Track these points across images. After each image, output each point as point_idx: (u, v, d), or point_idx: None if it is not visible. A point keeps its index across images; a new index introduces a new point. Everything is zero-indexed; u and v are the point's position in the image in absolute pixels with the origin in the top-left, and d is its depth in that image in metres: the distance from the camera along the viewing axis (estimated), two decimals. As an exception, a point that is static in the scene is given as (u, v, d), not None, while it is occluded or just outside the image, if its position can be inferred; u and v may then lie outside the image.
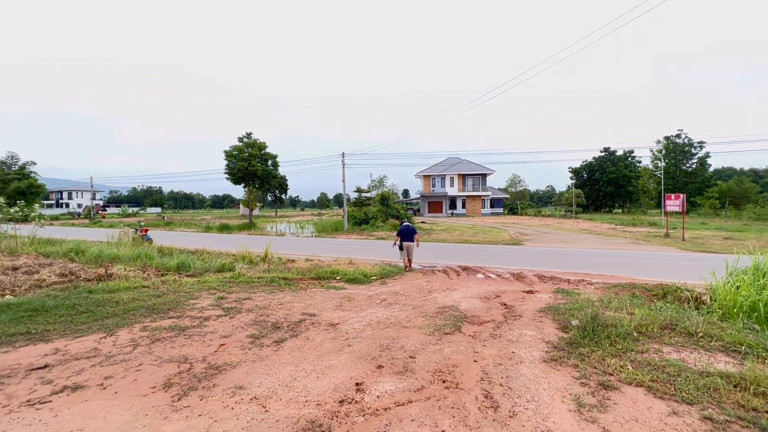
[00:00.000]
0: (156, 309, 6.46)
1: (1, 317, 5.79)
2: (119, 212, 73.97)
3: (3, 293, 7.26)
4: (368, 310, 6.93)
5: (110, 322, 5.72)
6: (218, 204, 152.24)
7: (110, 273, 8.85)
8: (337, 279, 10.99)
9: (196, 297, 7.42)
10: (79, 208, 77.63)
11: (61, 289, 7.65)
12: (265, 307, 6.87)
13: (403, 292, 9.34)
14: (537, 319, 6.73)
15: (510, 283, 11.30)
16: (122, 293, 7.42)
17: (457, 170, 58.93)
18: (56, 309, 6.18)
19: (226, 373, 4.01)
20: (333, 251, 18.30)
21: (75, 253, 12.28)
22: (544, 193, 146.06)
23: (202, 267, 10.36)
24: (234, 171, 35.98)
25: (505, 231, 30.15)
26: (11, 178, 49.28)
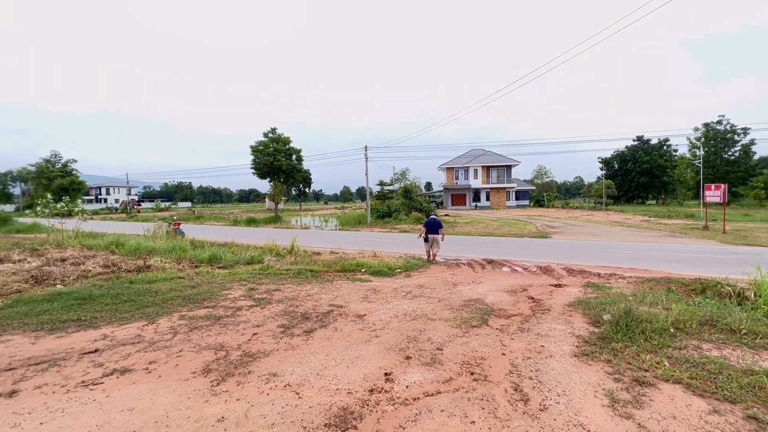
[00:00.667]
0: (192, 299, 6.77)
1: (54, 305, 6.24)
2: (153, 207, 77.38)
3: (54, 283, 7.79)
4: (394, 302, 7.00)
5: (151, 310, 6.05)
6: (245, 198, 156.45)
7: (148, 264, 9.33)
8: (362, 271, 11.12)
9: (228, 288, 7.72)
10: (116, 203, 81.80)
11: (105, 280, 8.13)
12: (293, 298, 7.07)
13: (428, 285, 9.36)
14: (566, 313, 6.60)
15: (537, 276, 11.10)
16: (160, 284, 7.81)
17: (481, 162, 57.92)
18: (102, 298, 6.59)
19: (259, 361, 4.18)
20: (357, 244, 18.48)
21: (115, 245, 12.98)
22: (571, 185, 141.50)
23: (233, 259, 10.73)
24: (260, 166, 36.86)
25: (531, 223, 29.50)
26: (55, 175, 52.44)
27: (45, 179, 51.88)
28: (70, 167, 55.46)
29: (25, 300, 6.51)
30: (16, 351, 4.44)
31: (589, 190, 59.02)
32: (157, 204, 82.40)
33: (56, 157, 55.25)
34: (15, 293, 7.02)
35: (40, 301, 6.44)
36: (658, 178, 60.70)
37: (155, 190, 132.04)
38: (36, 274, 7.97)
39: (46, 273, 8.05)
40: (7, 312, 5.90)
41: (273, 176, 38.01)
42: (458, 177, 60.17)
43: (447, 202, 58.78)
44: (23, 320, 5.56)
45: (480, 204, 57.71)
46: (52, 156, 55.12)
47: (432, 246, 13.17)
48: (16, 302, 6.41)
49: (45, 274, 7.98)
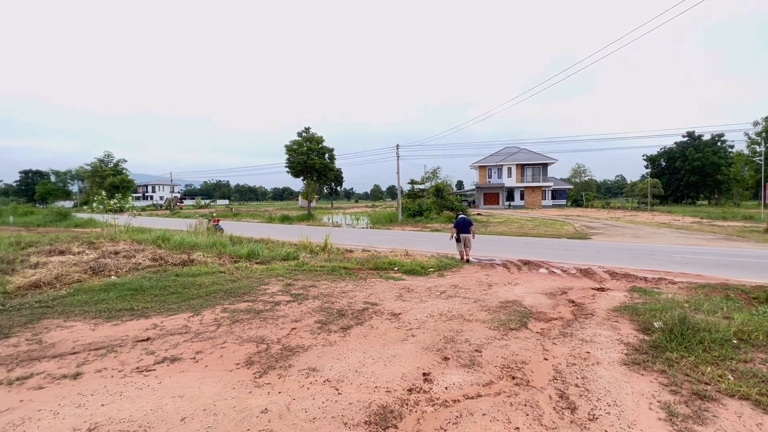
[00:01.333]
0: (233, 292, 7.03)
1: (110, 294, 6.69)
2: (194, 204, 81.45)
3: (109, 274, 8.38)
4: (429, 302, 6.93)
5: (195, 302, 6.35)
6: (279, 196, 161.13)
7: (192, 259, 9.81)
8: (395, 270, 11.12)
9: (266, 283, 7.95)
10: (160, 200, 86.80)
11: (153, 272, 8.62)
12: (329, 294, 7.17)
13: (463, 285, 9.21)
14: (612, 319, 6.27)
15: (577, 279, 10.65)
16: (203, 277, 8.18)
17: (516, 160, 56.27)
18: (151, 289, 7.00)
19: (299, 355, 4.27)
20: (388, 242, 18.53)
21: (162, 240, 13.74)
22: (612, 184, 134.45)
23: (270, 255, 11.07)
24: (294, 164, 37.74)
25: (568, 224, 28.35)
26: (107, 174, 56.35)
27: (99, 178, 55.92)
28: (120, 166, 59.41)
29: (84, 289, 7.03)
30: (78, 336, 4.80)
31: (633, 189, 55.70)
32: (198, 201, 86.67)
33: (108, 157, 59.36)
34: (76, 282, 7.61)
35: (97, 291, 6.93)
36: (711, 176, 56.41)
37: (196, 188, 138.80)
38: (93, 265, 8.59)
39: (102, 265, 8.66)
40: (70, 300, 6.39)
41: (306, 175, 38.83)
42: (491, 175, 58.82)
43: (479, 201, 57.67)
44: (84, 308, 6.01)
45: (514, 203, 56.14)
46: (105, 156, 59.28)
47: (465, 245, 13.05)
48: (77, 291, 6.94)
49: (101, 266, 8.59)
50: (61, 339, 4.71)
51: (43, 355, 4.26)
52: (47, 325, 5.26)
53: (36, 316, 5.62)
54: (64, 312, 5.81)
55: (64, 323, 5.31)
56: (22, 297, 6.74)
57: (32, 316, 5.62)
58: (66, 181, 79.62)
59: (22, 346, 4.54)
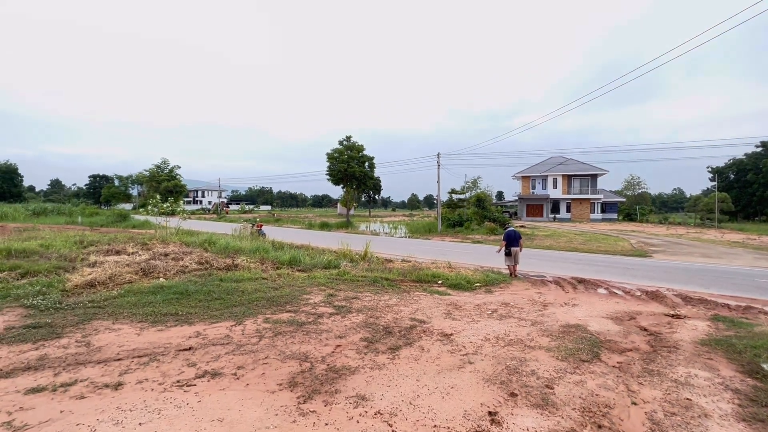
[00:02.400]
0: (275, 301, 6.83)
1: (157, 297, 6.72)
2: (239, 209, 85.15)
3: (158, 276, 8.54)
4: (481, 322, 6.32)
5: (238, 310, 6.19)
6: (318, 203, 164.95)
7: (236, 264, 9.84)
8: (439, 283, 10.55)
9: (308, 292, 7.71)
10: (209, 204, 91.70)
11: (199, 276, 8.69)
12: (372, 308, 6.77)
13: (514, 304, 8.48)
14: (703, 355, 5.34)
15: (644, 303, 9.55)
16: (246, 283, 8.09)
17: (562, 170, 53.58)
18: (196, 294, 6.97)
19: (346, 379, 3.87)
20: (428, 253, 17.93)
21: (208, 243, 14.09)
22: (669, 197, 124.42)
23: (311, 263, 10.90)
24: (334, 172, 38.23)
25: (624, 239, 26.22)
26: (163, 179, 60.31)
27: (155, 182, 59.97)
28: (174, 172, 63.41)
29: (134, 290, 7.14)
30: (124, 341, 4.73)
31: (696, 203, 50.96)
32: (243, 207, 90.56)
33: (165, 164, 63.59)
34: (127, 283, 7.78)
35: (146, 293, 7.00)
36: (790, 191, 50.40)
37: (241, 194, 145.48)
38: (144, 266, 8.82)
39: (152, 266, 8.86)
40: (120, 301, 6.47)
41: (346, 183, 39.17)
42: (535, 186, 56.43)
43: (522, 212, 55.35)
44: (132, 310, 6.03)
45: (559, 216, 53.33)
46: (162, 162, 63.57)
47: (514, 258, 12.35)
48: (128, 292, 7.05)
49: (151, 267, 8.79)
50: (108, 343, 4.65)
51: (89, 360, 4.19)
52: (97, 326, 5.28)
53: (88, 316, 5.69)
54: (114, 313, 5.85)
55: (112, 325, 5.30)
56: (78, 295, 6.93)
57: (84, 315, 5.69)
58: (127, 185, 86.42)
59: (72, 348, 4.52)
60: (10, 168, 75.76)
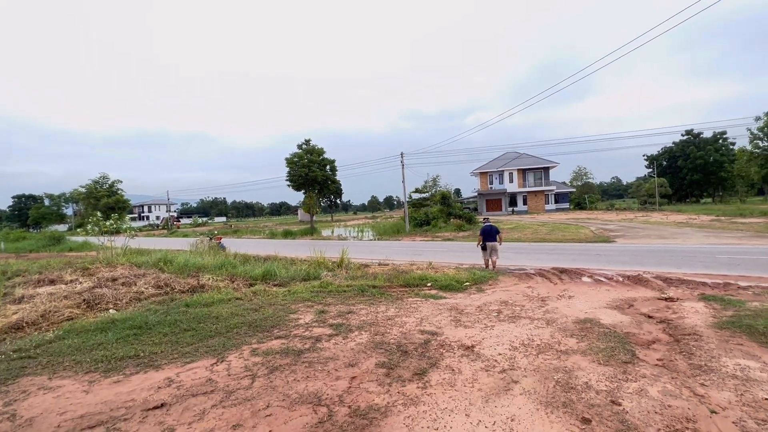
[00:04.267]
0: (258, 326, 5.78)
1: (108, 335, 5.41)
2: (191, 222, 79.84)
3: (107, 307, 7.10)
4: (496, 327, 5.73)
5: (216, 342, 5.09)
6: (276, 211, 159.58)
7: (202, 284, 8.54)
8: (428, 286, 9.93)
9: (294, 311, 6.70)
10: (157, 219, 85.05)
11: (158, 303, 7.35)
12: (373, 323, 5.94)
13: (513, 302, 8.06)
14: (730, 341, 5.10)
15: (631, 288, 9.58)
16: (219, 307, 6.91)
17: (517, 165, 55.60)
18: (159, 326, 5.73)
19: (380, 425, 3.03)
20: (403, 254, 17.34)
21: (164, 262, 12.45)
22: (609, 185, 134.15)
23: (288, 275, 9.81)
24: (295, 177, 36.64)
25: (584, 227, 27.34)
26: (102, 194, 54.85)
27: (94, 199, 54.30)
28: (116, 187, 57.93)
29: (77, 329, 5.74)
30: (67, 405, 3.53)
31: (639, 189, 54.95)
32: (195, 220, 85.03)
33: (104, 179, 57.86)
34: (66, 321, 6.33)
35: (93, 331, 5.65)
36: (714, 174, 55.94)
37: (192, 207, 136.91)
38: (88, 297, 7.32)
39: (98, 296, 7.38)
40: (59, 345, 5.10)
41: (308, 187, 37.69)
42: (492, 181, 58.11)
43: (481, 207, 56.66)
44: (75, 356, 4.73)
45: (517, 209, 55.27)
46: (101, 177, 57.79)
47: (491, 254, 12.31)
48: (68, 332, 5.65)
49: (97, 297, 7.32)
50: (44, 410, 3.44)
51: (17, 440, 3.01)
52: (26, 385, 3.99)
53: (12, 372, 4.34)
54: (50, 364, 4.53)
55: (48, 382, 4.03)
56: (0, 342, 5.46)
57: (8, 372, 4.34)
58: (60, 204, 77.88)
59: (-11, 423, 3.29)
60: None
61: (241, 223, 76.49)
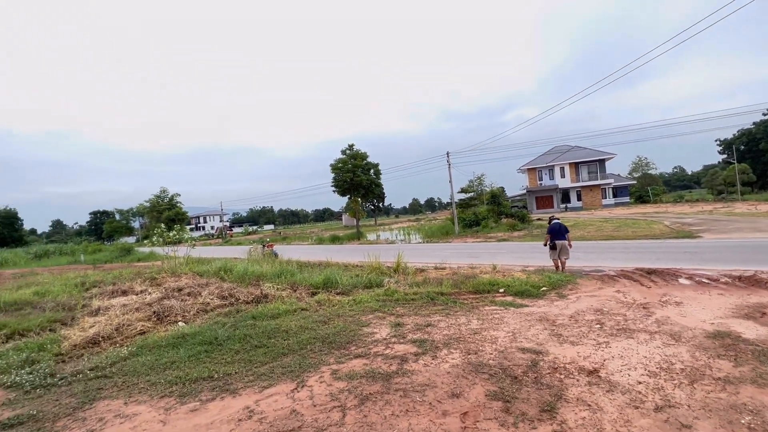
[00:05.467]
0: (332, 342, 5.25)
1: (180, 352, 5.14)
2: (242, 231, 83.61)
3: (176, 319, 6.99)
4: (613, 344, 4.75)
5: (291, 361, 4.61)
6: (320, 217, 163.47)
7: (265, 294, 8.28)
8: (501, 292, 9.00)
9: (366, 323, 6.12)
10: (212, 229, 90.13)
11: (225, 315, 7.13)
12: (459, 338, 5.20)
13: (608, 310, 6.96)
14: None
15: (751, 291, 8.14)
16: (286, 319, 6.52)
17: (569, 158, 52.11)
18: (229, 342, 5.39)
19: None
20: (457, 257, 16.39)
21: (224, 271, 12.55)
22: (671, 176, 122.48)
23: (349, 283, 9.32)
24: (340, 183, 36.83)
25: (654, 222, 24.67)
26: (164, 208, 58.90)
27: (157, 212, 58.49)
28: (175, 200, 62.01)
29: (149, 345, 5.56)
30: (144, 438, 3.17)
31: (714, 178, 49.29)
32: (246, 228, 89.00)
33: (164, 193, 62.24)
34: (139, 334, 6.23)
35: (164, 347, 5.43)
36: (808, 156, 48.93)
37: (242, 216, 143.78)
38: (158, 309, 7.27)
39: (166, 308, 7.31)
40: (133, 364, 4.89)
41: (353, 192, 37.74)
42: (542, 178, 54.98)
43: (531, 205, 53.72)
44: (150, 377, 4.45)
45: (570, 205, 51.76)
46: (161, 192, 62.21)
47: (560, 254, 10.96)
48: (141, 348, 5.47)
49: (166, 309, 7.24)
50: (121, 443, 3.10)
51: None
52: (103, 411, 3.71)
53: (90, 394, 4.12)
54: (125, 385, 4.27)
55: (124, 408, 3.73)
56: (78, 359, 5.39)
57: (85, 394, 4.12)
58: (129, 218, 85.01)
59: (67, 458, 2.97)
60: (10, 213, 74.57)
61: (288, 230, 78.85)
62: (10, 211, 74.82)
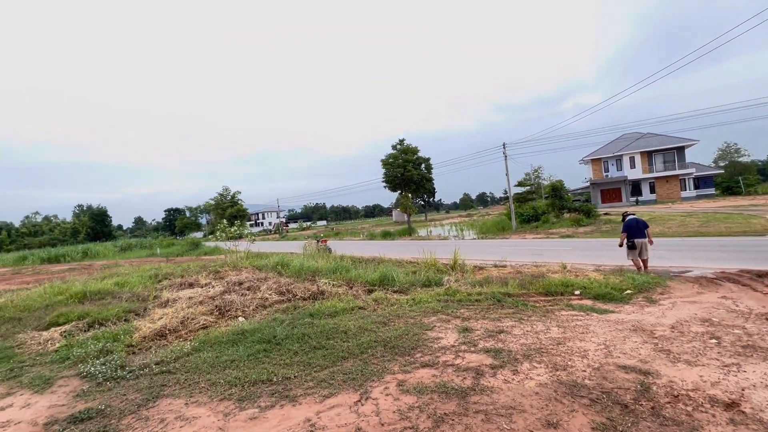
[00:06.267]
0: (395, 346, 4.82)
1: (240, 350, 5.03)
2: (297, 227, 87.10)
3: (236, 314, 7.03)
4: (748, 367, 3.78)
5: (352, 367, 4.25)
6: (370, 213, 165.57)
7: (322, 290, 8.12)
8: (577, 294, 8.00)
9: (429, 326, 5.62)
10: (269, 225, 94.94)
11: (282, 311, 7.04)
12: (540, 349, 4.50)
13: (719, 320, 5.79)
14: None
15: None
16: (344, 318, 6.23)
17: (640, 147, 47.20)
18: (288, 341, 5.19)
19: None
20: (518, 254, 15.23)
21: (281, 266, 12.74)
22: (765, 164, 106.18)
23: (407, 281, 8.87)
24: (391, 178, 36.47)
25: (755, 216, 21.27)
26: (227, 206, 62.90)
27: (221, 209, 62.65)
28: (237, 198, 66.01)
29: (211, 341, 5.55)
30: (202, 446, 2.96)
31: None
32: (301, 224, 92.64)
33: (227, 191, 66.49)
34: (202, 329, 6.31)
35: (225, 343, 5.38)
36: None
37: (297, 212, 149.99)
38: (219, 303, 7.39)
39: (228, 303, 7.41)
40: (195, 360, 4.85)
41: (404, 187, 37.20)
42: (608, 168, 50.40)
43: (595, 199, 49.44)
44: (210, 375, 4.34)
45: (642, 198, 46.88)
46: (224, 190, 66.54)
47: (641, 253, 9.72)
48: (203, 343, 5.47)
49: (227, 304, 7.33)
50: (180, 452, 2.91)
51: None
52: (165, 410, 3.61)
53: (154, 390, 4.08)
54: (187, 383, 4.19)
55: (185, 409, 3.60)
56: (146, 351, 5.52)
57: (150, 390, 4.10)
58: (197, 214, 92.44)
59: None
60: (101, 211, 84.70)
61: (340, 226, 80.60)
62: (102, 209, 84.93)
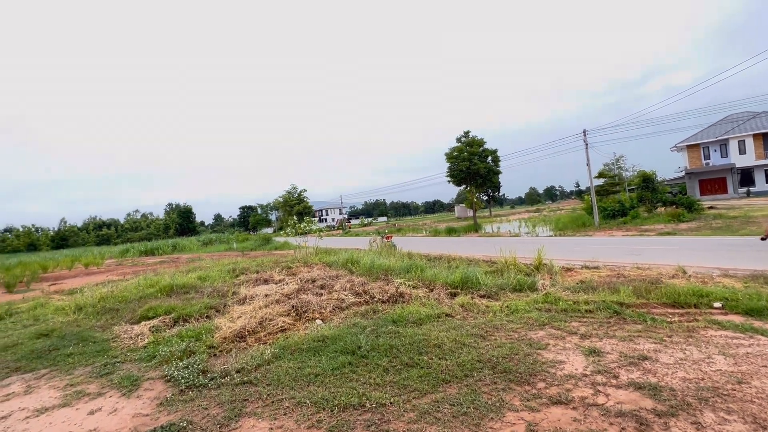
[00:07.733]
0: (506, 370, 3.93)
1: (322, 361, 4.52)
2: (359, 223, 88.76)
3: (314, 316, 6.65)
4: None
5: (458, 396, 3.46)
6: (430, 209, 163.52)
7: (401, 292, 7.46)
8: (717, 307, 6.36)
9: (541, 344, 4.62)
10: (333, 221, 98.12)
11: (362, 314, 6.50)
12: (717, 389, 3.31)
13: None
14: None
15: None
16: (431, 327, 5.48)
17: (751, 128, 39.95)
18: (374, 355, 4.56)
19: None
20: (611, 254, 13.21)
21: (351, 263, 12.42)
22: None
23: (494, 284, 7.85)
24: (455, 172, 34.96)
25: None
26: (294, 202, 65.93)
27: (288, 207, 65.96)
28: (303, 195, 68.97)
29: (291, 347, 5.14)
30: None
31: None
32: (363, 220, 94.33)
33: (294, 189, 69.78)
34: (280, 332, 5.99)
35: (306, 351, 4.92)
36: None
37: (358, 209, 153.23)
38: (296, 303, 7.08)
39: (304, 303, 7.07)
40: (276, 371, 4.43)
41: (470, 181, 35.44)
42: (709, 155, 43.47)
43: (692, 190, 42.79)
44: (294, 392, 3.85)
45: (755, 189, 39.62)
46: (291, 188, 69.93)
47: None
48: (283, 350, 5.07)
49: (304, 305, 7.00)
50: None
51: None
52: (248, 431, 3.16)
53: (236, 406, 3.69)
54: (270, 400, 3.73)
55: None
56: (227, 353, 5.28)
57: (232, 406, 3.71)
58: (267, 211, 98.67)
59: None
60: (187, 209, 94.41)
61: (401, 222, 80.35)
62: (187, 207, 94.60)
